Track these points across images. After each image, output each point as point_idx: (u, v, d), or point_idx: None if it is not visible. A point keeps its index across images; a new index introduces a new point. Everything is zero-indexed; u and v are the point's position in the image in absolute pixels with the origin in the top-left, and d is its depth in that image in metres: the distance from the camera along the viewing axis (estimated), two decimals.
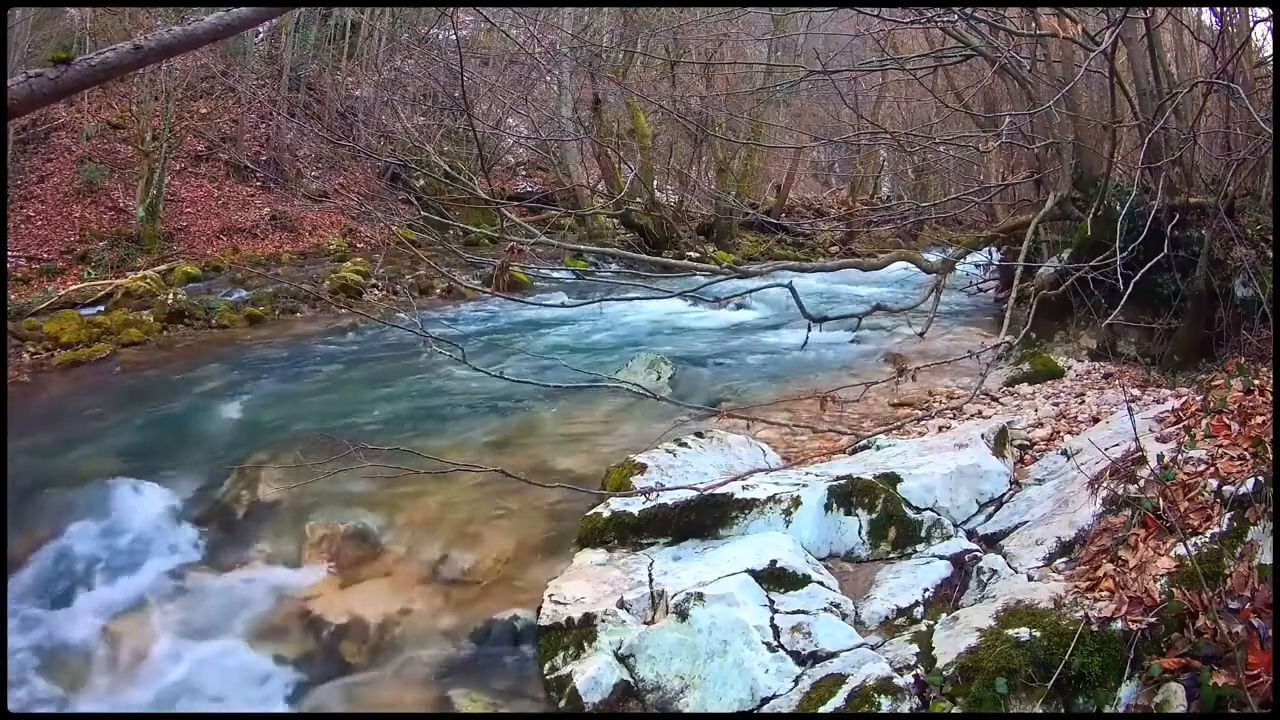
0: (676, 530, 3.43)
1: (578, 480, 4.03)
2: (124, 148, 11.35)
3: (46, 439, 5.04)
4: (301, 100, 13.96)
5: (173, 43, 2.51)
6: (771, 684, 2.58)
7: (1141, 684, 2.21)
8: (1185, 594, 2.26)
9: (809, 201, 19.52)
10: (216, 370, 6.65)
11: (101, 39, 10.40)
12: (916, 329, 4.76)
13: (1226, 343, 4.82)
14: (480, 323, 8.51)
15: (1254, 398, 3.01)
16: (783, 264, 6.94)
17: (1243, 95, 4.32)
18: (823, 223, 16.05)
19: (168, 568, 3.75)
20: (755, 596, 2.88)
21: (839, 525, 3.31)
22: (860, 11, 5.96)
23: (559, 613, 3.01)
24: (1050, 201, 5.66)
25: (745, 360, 6.84)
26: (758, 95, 12.33)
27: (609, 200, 13.02)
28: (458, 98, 11.86)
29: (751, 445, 4.31)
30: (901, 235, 16.00)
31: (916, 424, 4.57)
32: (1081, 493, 3.13)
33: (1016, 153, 8.13)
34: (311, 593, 3.48)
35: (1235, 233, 4.88)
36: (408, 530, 3.78)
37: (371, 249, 11.50)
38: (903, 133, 8.79)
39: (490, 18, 9.18)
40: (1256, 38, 6.33)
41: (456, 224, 9.80)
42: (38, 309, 7.90)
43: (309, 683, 3.09)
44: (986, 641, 2.41)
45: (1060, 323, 6.20)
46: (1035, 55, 6.30)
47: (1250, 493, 2.49)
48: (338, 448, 3.67)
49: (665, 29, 13.22)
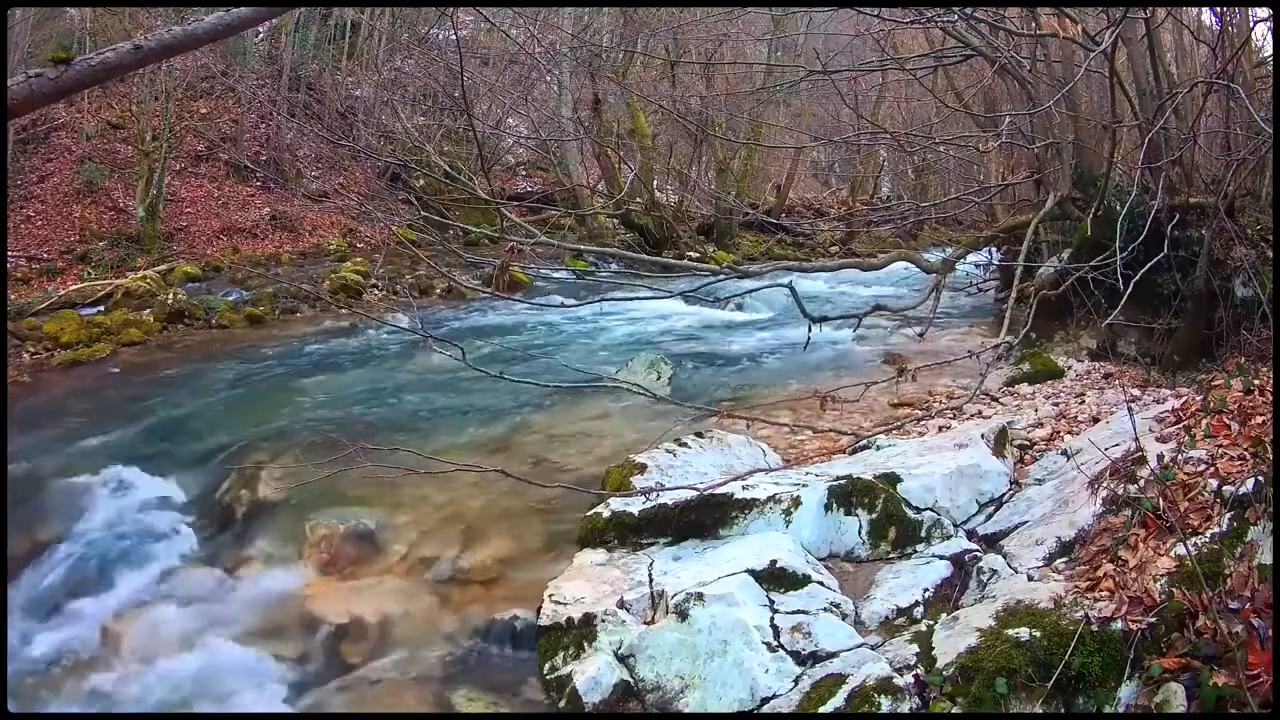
0: (676, 530, 3.43)
1: (578, 480, 4.03)
2: (124, 148, 11.35)
3: (46, 439, 5.05)
4: (301, 100, 13.96)
5: (173, 43, 2.50)
6: (771, 684, 2.58)
7: (1141, 684, 2.21)
8: (1185, 594, 2.26)
9: (809, 201, 19.51)
10: (216, 370, 6.65)
11: (101, 39, 10.40)
12: (916, 329, 4.76)
13: (1226, 343, 4.81)
14: (480, 323, 8.51)
15: (1254, 398, 3.01)
16: (783, 264, 6.95)
17: (1243, 95, 4.32)
18: (823, 223, 16.04)
19: (168, 567, 3.77)
20: (755, 596, 2.88)
21: (839, 525, 3.31)
22: (860, 11, 5.96)
23: (559, 613, 3.01)
24: (1050, 201, 5.65)
25: (745, 360, 6.84)
26: (758, 95, 12.32)
27: (609, 200, 13.02)
28: (458, 98, 11.86)
29: (751, 445, 4.32)
30: (901, 235, 15.99)
31: (916, 424, 4.57)
32: (1081, 493, 3.12)
33: (1016, 153, 8.11)
34: (311, 592, 3.48)
35: (1235, 233, 4.88)
36: (408, 530, 3.78)
37: (371, 249, 11.50)
38: (903, 133, 8.78)
39: (490, 18, 9.17)
40: (1256, 38, 6.33)
41: (456, 224, 9.80)
42: (38, 309, 7.90)
43: (309, 682, 3.09)
44: (986, 641, 2.41)
45: (1060, 323, 6.19)
46: (1035, 55, 6.30)
47: (1250, 493, 2.49)
48: (338, 448, 3.67)
49: (665, 29, 13.21)
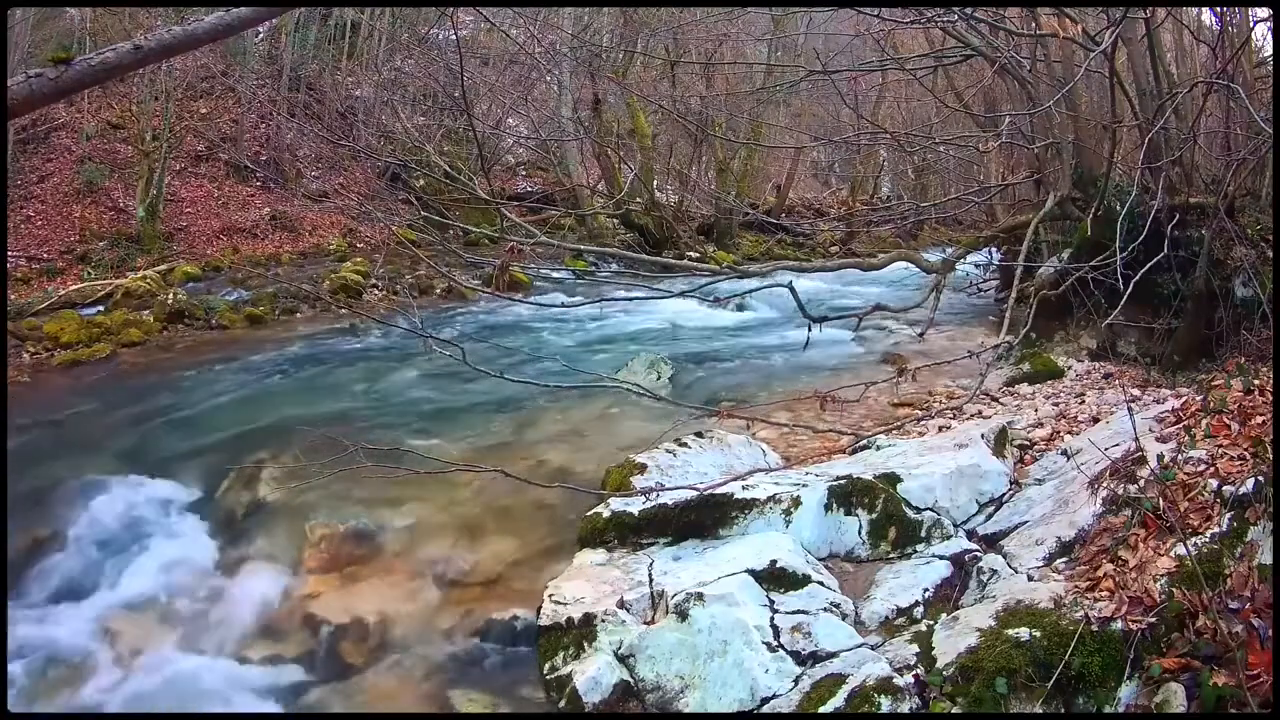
0: (676, 530, 3.43)
1: (578, 480, 4.03)
2: (124, 148, 11.35)
3: (46, 439, 5.05)
4: (301, 100, 13.95)
5: (173, 43, 2.50)
6: (771, 684, 2.58)
7: (1141, 684, 2.20)
8: (1185, 594, 2.26)
9: (809, 201, 19.51)
10: (216, 370, 6.65)
11: (101, 39, 10.40)
12: (916, 329, 4.76)
13: (1226, 343, 4.81)
14: (480, 323, 8.50)
15: (1254, 398, 3.01)
16: (783, 264, 6.94)
17: (1243, 95, 4.32)
18: (823, 223, 16.04)
19: (168, 567, 3.76)
20: (755, 596, 2.88)
21: (839, 525, 3.31)
22: (860, 11, 5.96)
23: (559, 613, 3.01)
24: (1050, 201, 5.66)
25: (745, 360, 6.84)
26: (758, 95, 12.32)
27: (609, 200, 13.01)
28: (458, 98, 11.86)
29: (751, 445, 4.32)
30: (901, 235, 15.99)
31: (916, 424, 4.57)
32: (1081, 493, 3.12)
33: (1016, 153, 8.12)
34: (311, 592, 3.48)
35: (1235, 233, 4.88)
36: (408, 530, 3.78)
37: (371, 249, 11.50)
38: (903, 133, 8.78)
39: (490, 18, 9.17)
40: (1256, 38, 6.34)
41: (456, 224, 9.80)
42: (38, 309, 7.90)
43: (309, 682, 3.10)
44: (986, 641, 2.41)
45: (1060, 323, 6.20)
46: (1035, 55, 6.30)
47: (1250, 493, 2.49)
48: (338, 448, 3.67)
49: (665, 29, 13.21)
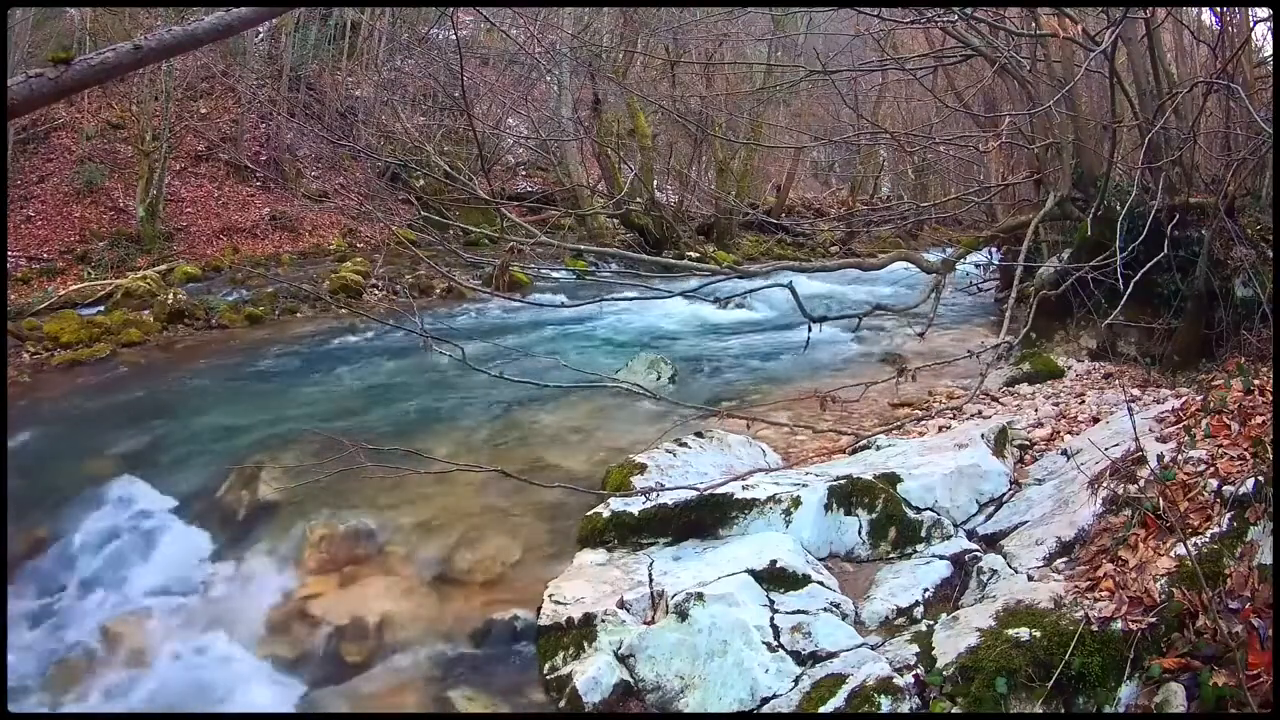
0: (676, 530, 3.43)
1: (578, 480, 4.03)
2: (124, 148, 11.35)
3: (46, 439, 5.05)
4: (301, 100, 13.95)
5: (173, 43, 2.50)
6: (771, 684, 2.58)
7: (1141, 684, 2.21)
8: (1185, 594, 2.27)
9: (809, 201, 19.50)
10: (216, 370, 6.65)
11: (101, 39, 10.40)
12: (916, 329, 4.76)
13: (1226, 343, 4.81)
14: (480, 323, 8.51)
15: (1254, 398, 3.01)
16: (783, 264, 6.94)
17: (1243, 95, 4.33)
18: (823, 223, 16.02)
19: (167, 567, 3.76)
20: (755, 596, 2.88)
21: (839, 525, 3.32)
22: (860, 11, 5.94)
23: (559, 613, 3.01)
24: (1050, 201, 5.65)
25: (745, 360, 6.84)
26: (758, 95, 12.33)
27: (609, 200, 13.00)
28: (458, 98, 11.85)
29: (751, 445, 4.32)
30: (901, 235, 15.99)
31: (916, 424, 4.57)
32: (1081, 493, 3.13)
33: (1016, 153, 8.13)
34: (311, 593, 3.48)
35: (1235, 233, 4.88)
36: (408, 530, 3.78)
37: (371, 249, 11.49)
38: (903, 133, 8.79)
39: (490, 18, 9.15)
40: (1256, 38, 6.35)
41: (456, 224, 9.81)
42: (38, 309, 7.90)
43: (309, 682, 3.10)
44: (986, 641, 2.41)
45: (1060, 323, 6.19)
46: (1035, 55, 6.30)
47: (1250, 493, 2.49)
48: (338, 448, 3.67)
49: (665, 29, 13.18)
